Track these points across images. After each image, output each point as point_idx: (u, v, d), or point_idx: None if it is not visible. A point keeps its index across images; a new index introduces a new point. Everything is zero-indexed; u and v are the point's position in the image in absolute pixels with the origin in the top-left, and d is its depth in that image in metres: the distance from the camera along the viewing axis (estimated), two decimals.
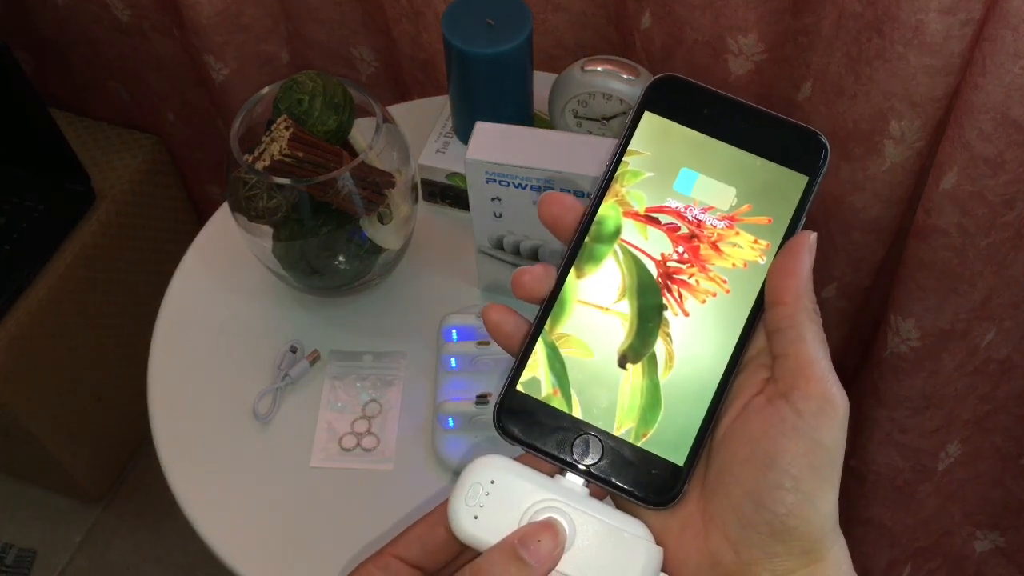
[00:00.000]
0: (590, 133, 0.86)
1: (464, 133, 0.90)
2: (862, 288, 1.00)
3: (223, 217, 0.94)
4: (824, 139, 0.36)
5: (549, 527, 0.33)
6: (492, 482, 0.34)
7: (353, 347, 0.85)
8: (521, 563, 0.32)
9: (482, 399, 0.77)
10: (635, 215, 0.36)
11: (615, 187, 0.36)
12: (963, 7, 0.70)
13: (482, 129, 0.75)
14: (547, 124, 0.90)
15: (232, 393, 0.83)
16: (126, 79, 1.32)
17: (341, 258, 0.83)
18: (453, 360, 0.80)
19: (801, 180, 0.35)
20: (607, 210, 0.36)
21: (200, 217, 1.46)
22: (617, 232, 0.36)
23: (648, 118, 0.37)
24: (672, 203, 0.36)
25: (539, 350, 0.36)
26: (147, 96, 1.33)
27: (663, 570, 0.34)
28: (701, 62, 0.90)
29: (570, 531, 0.33)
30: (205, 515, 0.76)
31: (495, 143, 0.74)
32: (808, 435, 0.32)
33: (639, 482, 0.35)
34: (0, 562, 1.42)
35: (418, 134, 0.92)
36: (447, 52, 0.84)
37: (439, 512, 0.35)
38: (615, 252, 0.36)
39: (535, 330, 0.36)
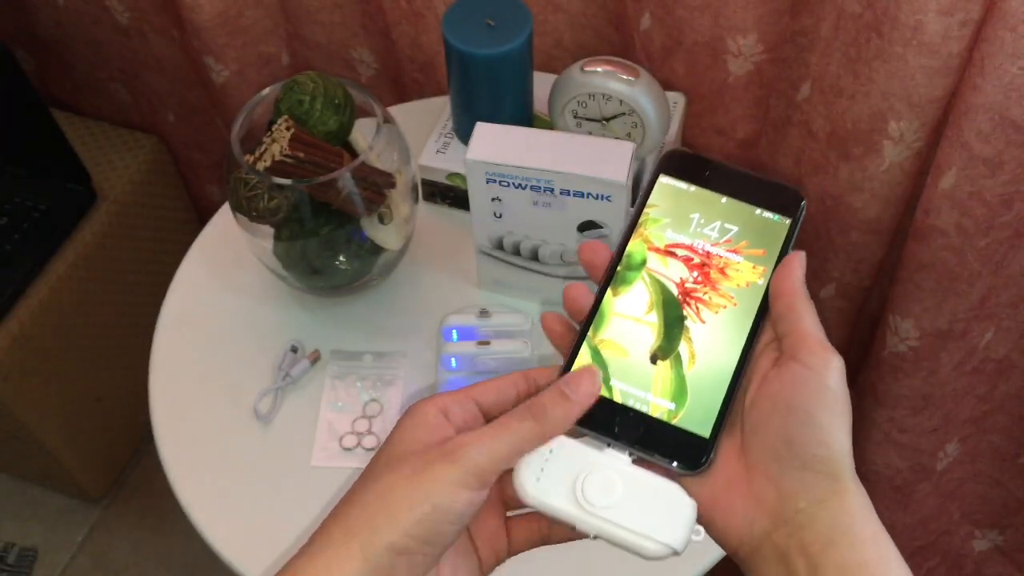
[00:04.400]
0: (590, 133, 0.86)
1: (464, 133, 0.91)
2: (861, 288, 1.00)
3: (224, 217, 0.94)
4: (801, 192, 0.46)
5: (589, 371, 0.42)
6: (551, 451, 0.41)
7: (353, 347, 0.85)
8: (566, 398, 0.40)
9: None
10: (657, 250, 0.45)
11: (640, 230, 0.46)
12: (962, 8, 0.70)
13: (482, 129, 0.75)
14: (547, 124, 0.90)
15: (233, 393, 0.83)
16: (126, 79, 1.33)
17: (342, 258, 0.83)
18: (453, 360, 0.80)
19: (786, 222, 0.45)
20: (635, 247, 0.45)
21: (200, 217, 1.46)
22: (643, 262, 0.45)
23: (663, 181, 0.47)
24: (686, 240, 0.45)
25: (584, 351, 0.44)
26: (147, 96, 1.33)
27: (698, 522, 0.41)
28: (701, 63, 0.90)
29: (619, 489, 0.40)
30: (206, 514, 0.77)
31: (495, 143, 0.75)
32: (816, 381, 0.39)
33: (674, 452, 0.41)
34: (2, 561, 1.43)
35: (418, 134, 0.92)
36: (447, 53, 0.84)
37: (514, 377, 0.43)
38: (643, 277, 0.45)
39: (580, 336, 0.44)
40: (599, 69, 0.83)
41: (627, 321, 0.44)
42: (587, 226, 0.77)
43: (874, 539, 0.38)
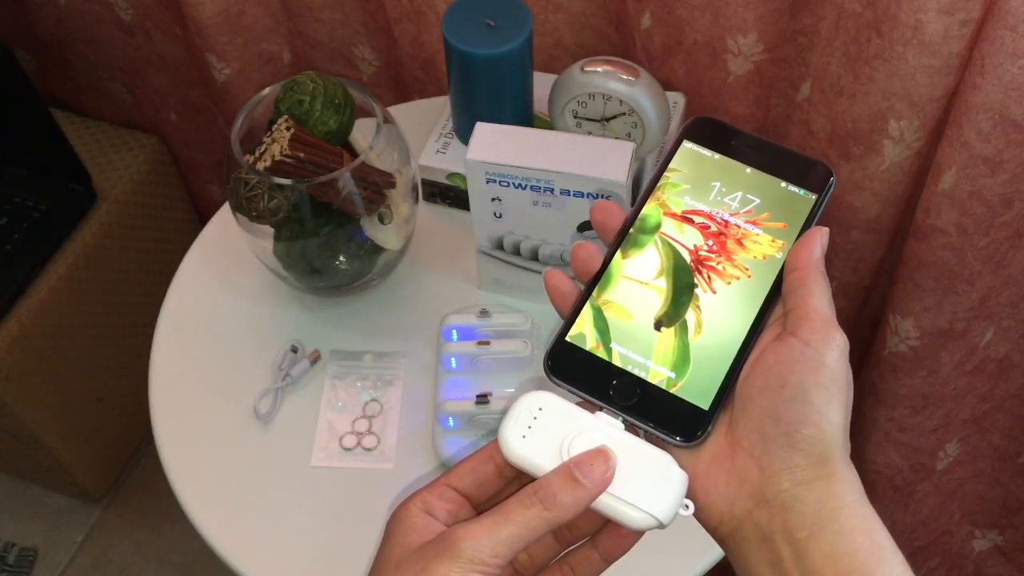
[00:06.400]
0: (590, 134, 0.86)
1: (464, 133, 0.91)
2: (861, 288, 1.00)
3: (224, 217, 0.94)
4: (831, 168, 0.44)
5: (601, 453, 0.38)
6: (540, 409, 0.40)
7: (353, 347, 0.85)
8: (577, 483, 0.38)
9: (482, 399, 0.77)
10: (673, 215, 0.44)
11: (657, 193, 0.44)
12: (962, 7, 0.70)
13: (482, 129, 0.75)
14: (547, 124, 0.90)
15: (233, 393, 0.83)
16: (127, 79, 1.33)
17: (342, 258, 0.83)
18: (453, 360, 0.80)
19: (811, 197, 0.43)
20: (650, 210, 0.44)
21: (201, 217, 1.46)
22: (658, 226, 0.44)
23: (686, 146, 0.45)
24: (704, 208, 0.44)
25: (587, 311, 0.42)
26: (148, 96, 1.33)
27: (687, 496, 0.39)
28: (701, 62, 0.90)
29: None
30: (206, 514, 0.77)
31: (495, 143, 0.75)
32: (814, 358, 0.37)
33: (670, 422, 0.40)
34: (2, 561, 1.43)
35: (418, 134, 0.92)
36: (447, 53, 0.84)
37: (489, 449, 0.41)
38: (655, 242, 0.43)
39: (584, 295, 0.43)
40: (599, 69, 0.82)
41: (634, 284, 0.42)
42: (587, 226, 0.77)
43: (864, 526, 0.36)
